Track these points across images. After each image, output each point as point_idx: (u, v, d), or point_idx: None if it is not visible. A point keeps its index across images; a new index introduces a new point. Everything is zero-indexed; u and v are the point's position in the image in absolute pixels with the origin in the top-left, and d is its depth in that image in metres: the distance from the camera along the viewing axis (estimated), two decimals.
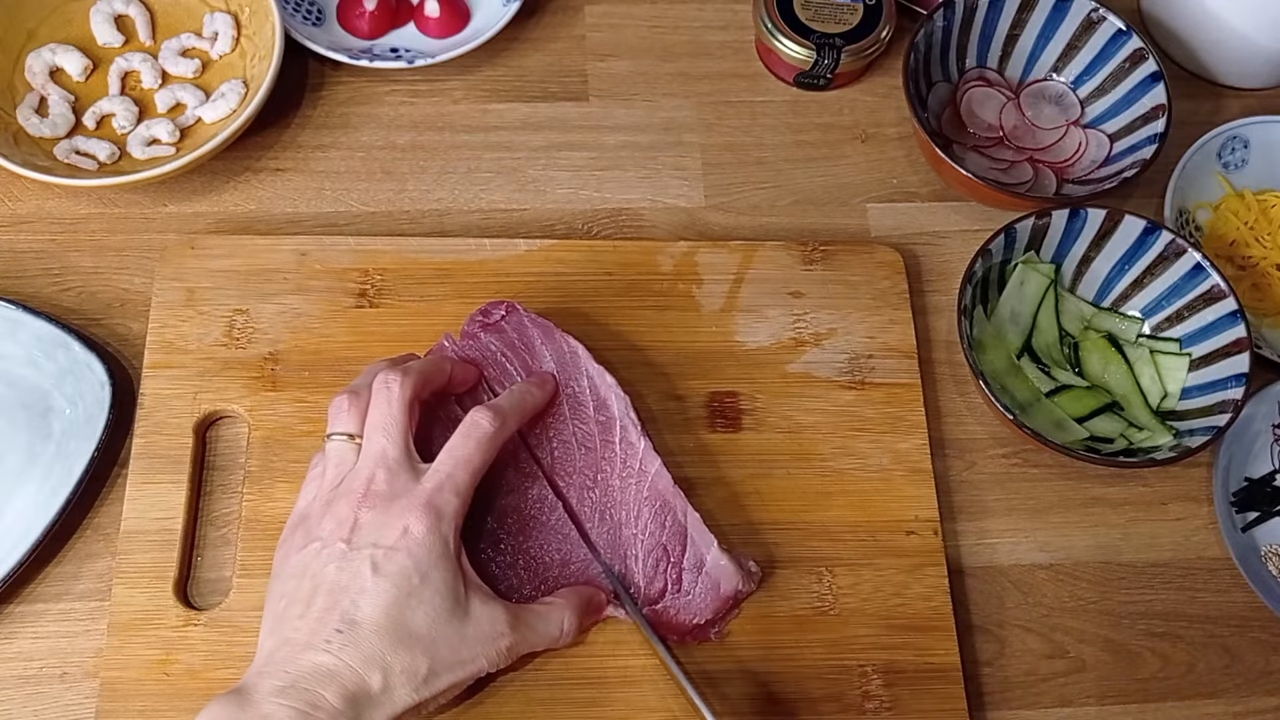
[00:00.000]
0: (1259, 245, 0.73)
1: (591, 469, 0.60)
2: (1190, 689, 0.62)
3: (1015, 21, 0.76)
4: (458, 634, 0.50)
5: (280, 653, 0.47)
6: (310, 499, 0.53)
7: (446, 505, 0.51)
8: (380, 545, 0.49)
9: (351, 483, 0.51)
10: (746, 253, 0.69)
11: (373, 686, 0.47)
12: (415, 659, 0.48)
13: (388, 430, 0.52)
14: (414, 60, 0.73)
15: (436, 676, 0.48)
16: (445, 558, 0.50)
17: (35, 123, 0.68)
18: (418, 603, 0.49)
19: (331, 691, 0.46)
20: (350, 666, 0.47)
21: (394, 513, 0.50)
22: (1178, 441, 0.64)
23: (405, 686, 0.47)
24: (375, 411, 0.53)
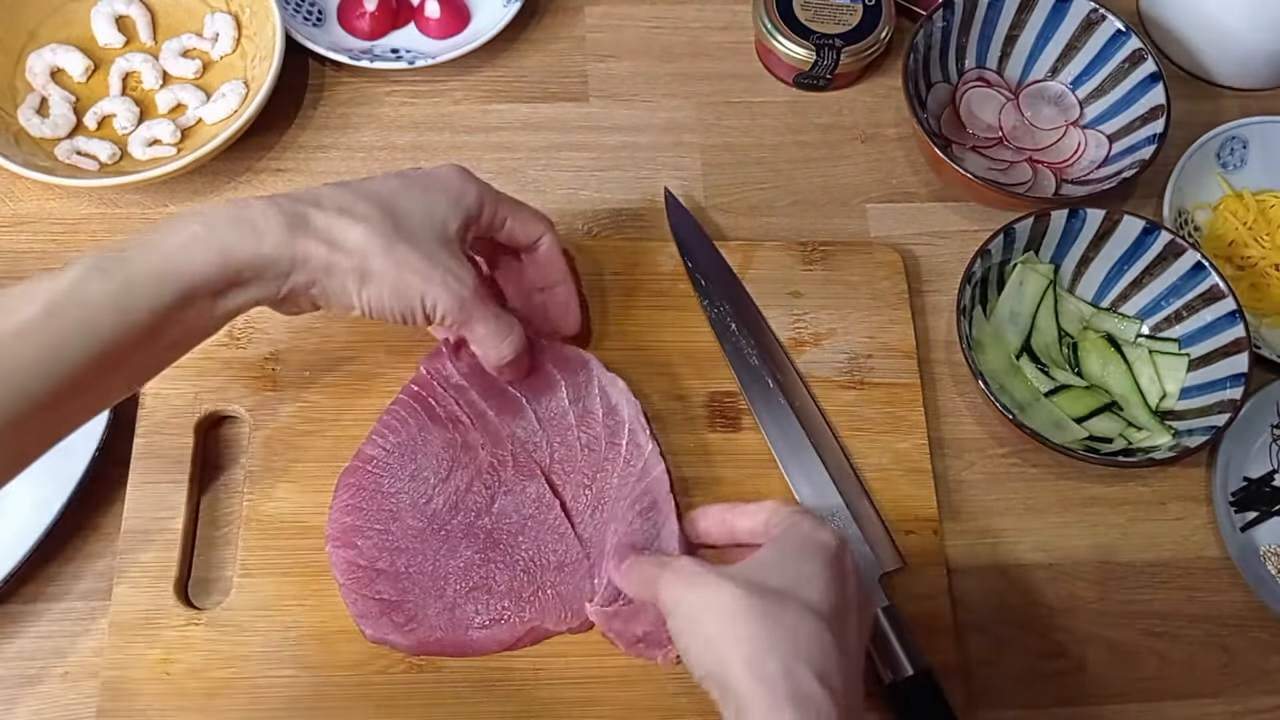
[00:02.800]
0: (1257, 245, 0.73)
1: (592, 468, 0.60)
2: (1189, 688, 0.62)
3: (1014, 22, 0.76)
4: (427, 242, 0.52)
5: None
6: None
7: (479, 184, 0.55)
8: (409, 173, 0.55)
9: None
10: (746, 253, 0.69)
11: (324, 207, 0.50)
12: (375, 216, 0.51)
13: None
14: (414, 61, 0.73)
15: (387, 246, 0.50)
16: (459, 197, 0.54)
17: (36, 123, 0.69)
18: (414, 199, 0.52)
19: (278, 198, 0.50)
20: (311, 193, 0.51)
21: (438, 166, 0.56)
22: (1177, 441, 0.64)
23: (353, 228, 0.50)
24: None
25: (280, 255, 0.48)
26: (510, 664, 0.57)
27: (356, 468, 0.60)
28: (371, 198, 0.51)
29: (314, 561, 0.58)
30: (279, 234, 0.48)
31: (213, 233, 0.47)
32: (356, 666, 0.56)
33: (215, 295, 0.48)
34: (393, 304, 0.51)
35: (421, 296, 0.52)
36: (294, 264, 0.49)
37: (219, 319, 0.49)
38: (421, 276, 0.51)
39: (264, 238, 0.48)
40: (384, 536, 0.58)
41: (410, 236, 0.51)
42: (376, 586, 0.57)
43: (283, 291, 0.50)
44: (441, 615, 0.56)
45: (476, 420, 0.61)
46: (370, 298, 0.51)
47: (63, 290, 0.44)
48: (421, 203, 0.53)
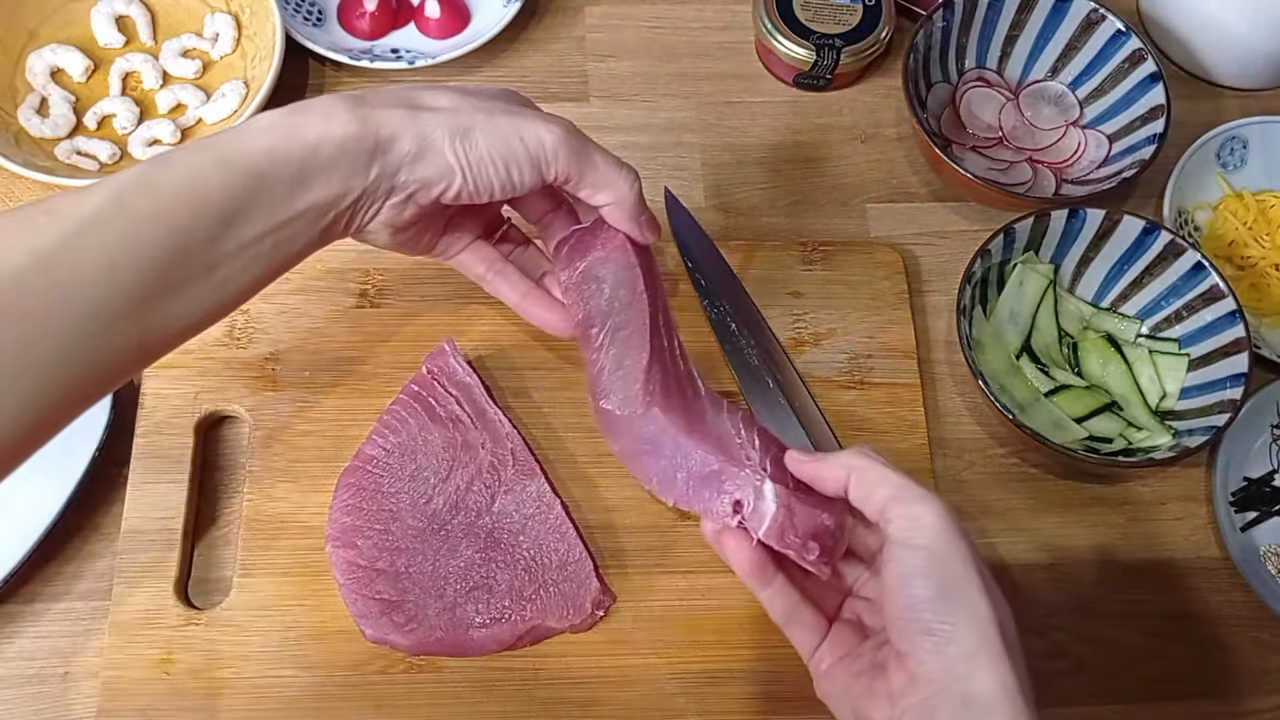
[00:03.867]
0: (1258, 245, 0.73)
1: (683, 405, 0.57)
2: (1189, 688, 0.62)
3: (1014, 22, 0.76)
4: (504, 109, 0.49)
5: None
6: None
7: (565, 120, 0.51)
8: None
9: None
10: (746, 253, 0.69)
11: (400, 92, 0.48)
12: (453, 91, 0.49)
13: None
14: (414, 61, 0.73)
15: (473, 104, 0.48)
16: (522, 103, 0.51)
17: (36, 123, 0.69)
18: (494, 98, 0.50)
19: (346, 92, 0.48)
20: (376, 90, 0.48)
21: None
22: (1177, 441, 0.64)
23: (438, 99, 0.48)
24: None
25: (358, 131, 0.45)
26: (510, 664, 0.57)
27: (356, 468, 0.60)
28: (451, 89, 0.49)
29: (314, 561, 0.58)
30: (350, 113, 0.46)
31: (281, 118, 0.45)
32: (356, 666, 0.56)
33: (293, 182, 0.44)
34: (498, 153, 0.48)
35: (523, 137, 0.48)
36: (376, 140, 0.46)
37: (308, 216, 0.46)
38: (520, 118, 0.48)
39: (330, 117, 0.45)
40: (384, 536, 0.58)
41: (493, 100, 0.49)
42: (376, 586, 0.57)
43: (371, 175, 0.46)
44: (442, 615, 0.56)
45: (477, 419, 0.61)
46: (471, 152, 0.47)
47: (129, 180, 0.41)
48: (490, 93, 0.51)
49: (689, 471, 0.50)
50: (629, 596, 0.59)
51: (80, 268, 0.40)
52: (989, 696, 0.41)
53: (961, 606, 0.43)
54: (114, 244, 0.40)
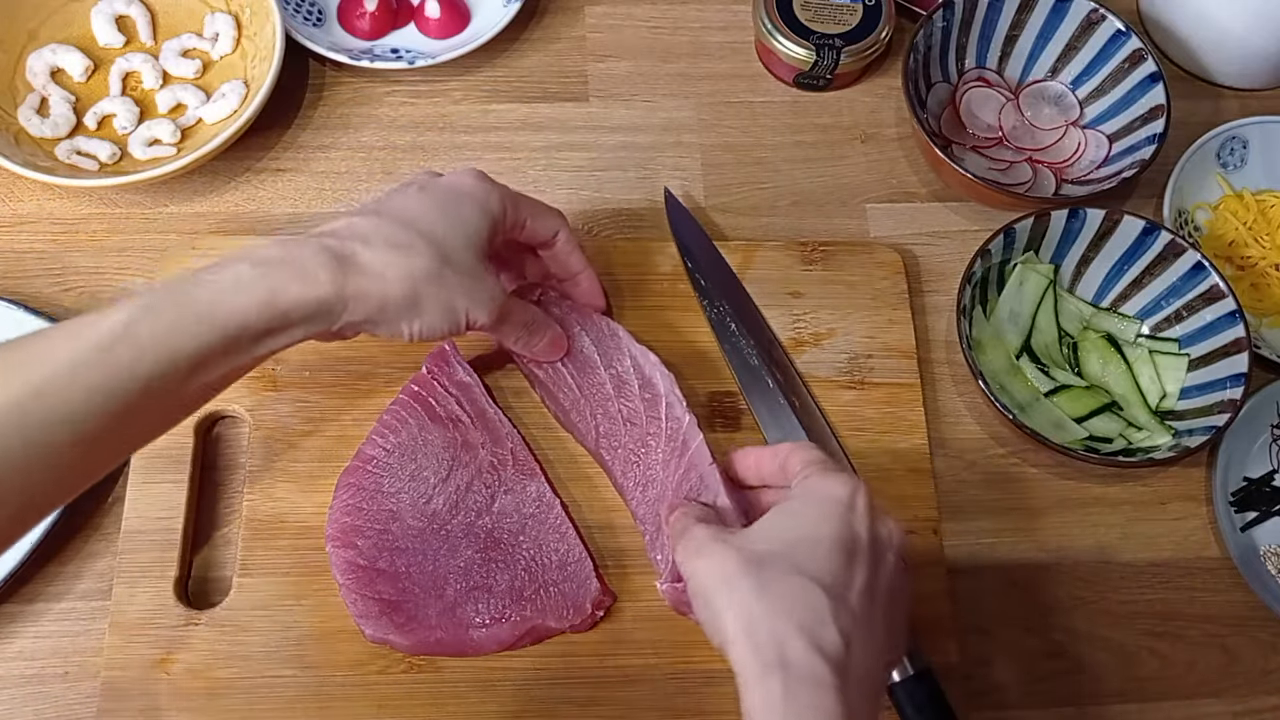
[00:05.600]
0: (1258, 245, 0.73)
1: (637, 443, 0.60)
2: (1189, 688, 0.62)
3: (1014, 22, 0.76)
4: (465, 263, 0.53)
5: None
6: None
7: (502, 186, 0.56)
8: (432, 182, 0.55)
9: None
10: (746, 253, 0.69)
11: (372, 246, 0.50)
12: (421, 251, 0.51)
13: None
14: (414, 61, 0.73)
15: (431, 281, 0.51)
16: (484, 207, 0.54)
17: (36, 123, 0.69)
18: (445, 218, 0.53)
19: (324, 236, 0.50)
20: (353, 226, 0.51)
21: (457, 176, 0.56)
22: (1177, 441, 0.64)
23: (401, 266, 0.50)
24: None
25: (331, 297, 0.48)
26: (510, 664, 0.57)
27: (356, 468, 0.60)
28: (412, 224, 0.52)
29: (314, 561, 0.58)
30: (329, 275, 0.48)
31: (261, 274, 0.47)
32: (356, 666, 0.56)
33: (261, 336, 0.48)
34: (441, 325, 0.52)
35: (466, 311, 0.53)
36: (346, 305, 0.49)
37: (263, 357, 0.49)
38: (465, 294, 0.53)
39: (314, 280, 0.48)
40: (384, 536, 0.58)
41: (453, 257, 0.52)
42: (377, 586, 0.57)
43: (334, 329, 0.50)
44: (442, 615, 0.56)
45: (477, 419, 0.61)
46: (422, 326, 0.52)
47: (117, 327, 0.44)
48: (455, 218, 0.53)
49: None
50: (629, 596, 0.59)
51: (62, 406, 0.43)
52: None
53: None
54: (94, 388, 0.43)
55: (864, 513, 0.48)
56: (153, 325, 0.45)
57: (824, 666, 0.43)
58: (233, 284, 0.47)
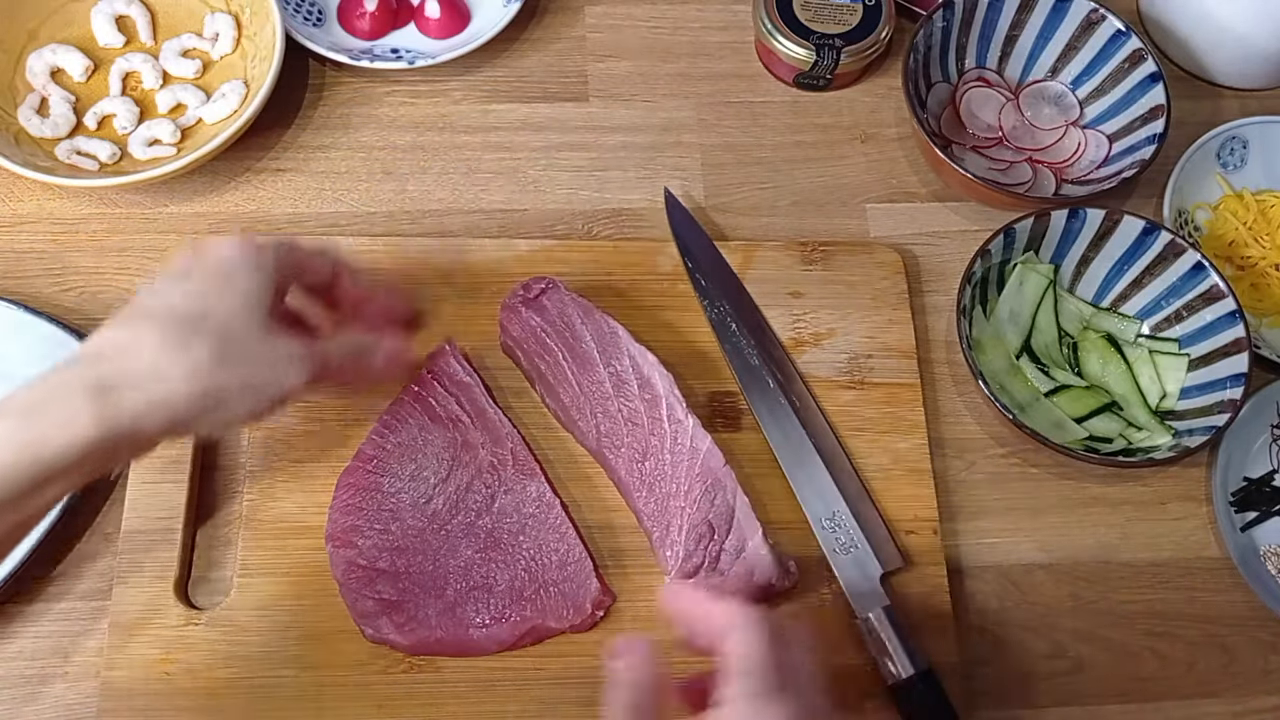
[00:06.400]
0: (1258, 245, 0.73)
1: (640, 444, 0.60)
2: (1189, 688, 0.62)
3: (1015, 22, 0.76)
4: (254, 337, 0.48)
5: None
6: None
7: (265, 243, 0.51)
8: (193, 263, 0.49)
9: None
10: (746, 253, 0.69)
11: (142, 354, 0.45)
12: (200, 340, 0.46)
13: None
14: (414, 61, 0.73)
15: (223, 366, 0.46)
16: (255, 270, 0.49)
17: (36, 123, 0.69)
18: (216, 297, 0.48)
19: (84, 361, 0.45)
20: (114, 340, 0.46)
21: (218, 250, 0.50)
22: (1177, 441, 0.64)
23: (181, 363, 0.45)
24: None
25: (101, 434, 0.43)
26: (510, 664, 0.57)
27: (356, 468, 0.60)
28: (182, 318, 0.47)
29: (314, 561, 0.58)
30: (92, 412, 0.43)
31: (16, 427, 0.43)
32: (356, 666, 0.56)
33: (30, 492, 0.43)
34: (250, 410, 0.48)
35: (274, 386, 0.48)
36: (118, 438, 0.44)
37: (47, 505, 0.45)
38: (266, 365, 0.48)
39: (76, 423, 0.43)
40: (384, 536, 0.58)
41: (235, 334, 0.47)
42: (376, 586, 0.57)
43: (121, 460, 0.46)
44: (442, 615, 0.56)
45: (477, 419, 0.61)
46: (230, 416, 0.47)
47: None
48: (227, 292, 0.48)
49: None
50: (629, 596, 0.59)
51: None
52: None
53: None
54: None
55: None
56: None
57: None
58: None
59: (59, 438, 0.43)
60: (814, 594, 0.60)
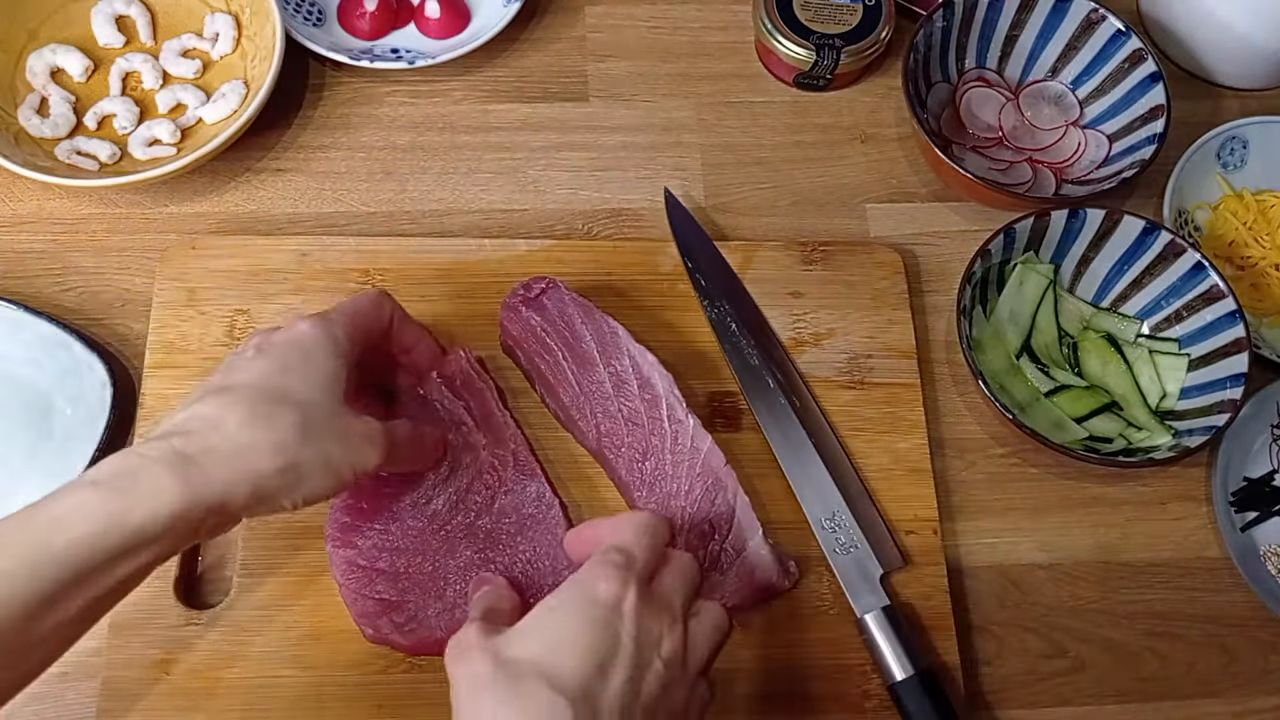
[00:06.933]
0: (1258, 245, 0.73)
1: (641, 444, 0.60)
2: (1189, 688, 0.62)
3: (1015, 22, 0.76)
4: (333, 414, 0.49)
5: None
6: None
7: (336, 318, 0.52)
8: (270, 340, 0.51)
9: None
10: (746, 253, 0.69)
11: (228, 429, 0.46)
12: (284, 415, 0.47)
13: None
14: (414, 61, 0.73)
15: (305, 442, 0.47)
16: (333, 350, 0.51)
17: (36, 123, 0.69)
18: (297, 375, 0.49)
19: (169, 436, 0.46)
20: (200, 415, 0.47)
21: (293, 328, 0.51)
22: (1177, 441, 0.64)
23: (267, 438, 0.46)
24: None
25: (184, 505, 0.44)
26: None
27: None
28: (265, 392, 0.48)
29: (314, 561, 0.58)
30: (175, 483, 0.44)
31: (105, 496, 0.43)
32: (356, 666, 0.56)
33: (114, 561, 0.43)
34: (326, 486, 0.49)
35: (351, 464, 0.50)
36: (207, 508, 0.45)
37: (132, 580, 0.45)
38: (341, 444, 0.49)
39: (160, 491, 0.44)
40: (383, 536, 0.58)
41: (316, 411, 0.49)
42: (376, 586, 0.57)
43: (205, 532, 0.46)
44: (442, 615, 0.56)
45: (482, 422, 0.61)
46: (306, 493, 0.48)
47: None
48: (306, 370, 0.50)
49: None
50: None
51: None
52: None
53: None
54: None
55: (631, 616, 0.45)
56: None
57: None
58: (70, 513, 0.43)
59: (144, 508, 0.43)
60: (814, 594, 0.60)
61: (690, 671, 0.47)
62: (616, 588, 0.45)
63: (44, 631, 0.43)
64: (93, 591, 0.44)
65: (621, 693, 0.43)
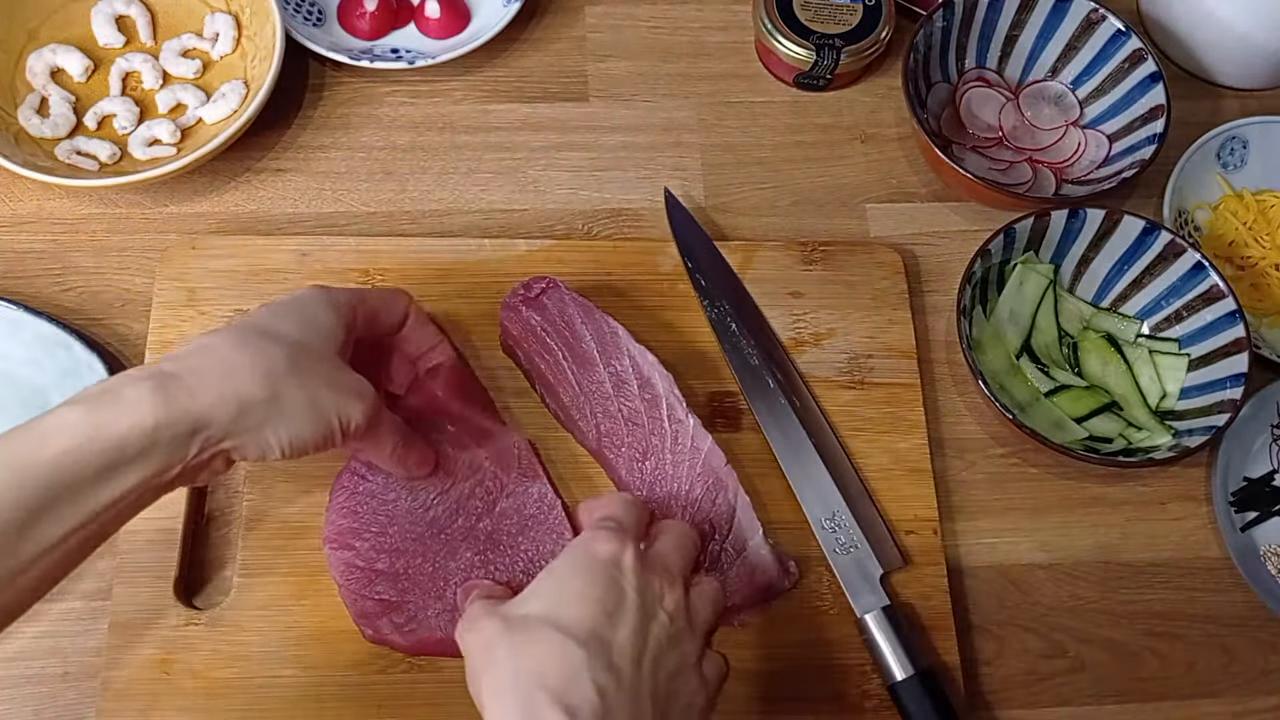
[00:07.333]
0: (1258, 245, 0.73)
1: (641, 444, 0.60)
2: (1189, 688, 0.62)
3: (1015, 22, 0.76)
4: (323, 359, 0.49)
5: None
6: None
7: (341, 290, 0.53)
8: (272, 303, 0.52)
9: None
10: (746, 253, 0.69)
11: (216, 353, 0.47)
12: (274, 347, 0.48)
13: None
14: (414, 61, 0.73)
15: (293, 374, 0.47)
16: (330, 308, 0.51)
17: (36, 123, 0.69)
18: (290, 321, 0.50)
19: (160, 362, 0.46)
20: (191, 344, 0.48)
21: (297, 291, 0.53)
22: (1177, 441, 0.64)
23: (253, 363, 0.47)
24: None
25: (164, 418, 0.44)
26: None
27: (352, 470, 0.59)
28: (259, 329, 0.49)
29: (314, 561, 0.58)
30: (152, 394, 0.44)
31: (86, 410, 0.43)
32: (356, 666, 0.56)
33: (98, 477, 0.43)
34: (312, 430, 0.48)
35: (337, 413, 0.49)
36: (191, 421, 0.45)
37: (122, 502, 0.45)
38: (331, 389, 0.49)
39: (138, 404, 0.44)
40: (381, 538, 0.57)
41: (309, 351, 0.49)
42: (376, 587, 0.57)
43: (191, 456, 0.46)
44: (441, 616, 0.56)
45: (484, 441, 0.60)
46: (290, 432, 0.48)
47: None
48: (305, 316, 0.51)
49: None
50: None
51: None
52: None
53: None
54: None
55: (631, 570, 0.46)
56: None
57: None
58: (54, 427, 0.43)
59: (126, 420, 0.44)
60: (814, 594, 0.60)
61: (696, 631, 0.48)
62: (614, 546, 0.47)
63: (32, 551, 0.43)
64: (80, 511, 0.43)
65: (631, 640, 0.45)
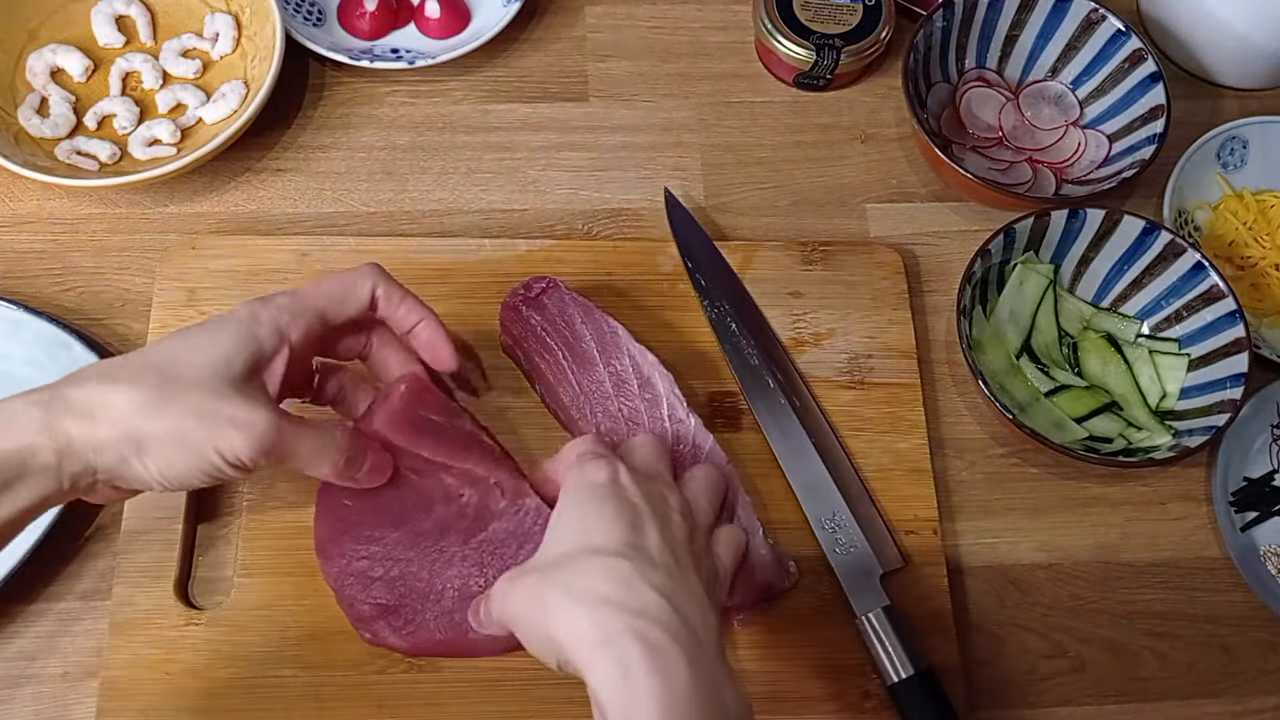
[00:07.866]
0: (1258, 245, 0.73)
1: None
2: (1189, 688, 0.62)
3: (1015, 22, 0.76)
4: (205, 391, 0.46)
5: None
6: None
7: (284, 301, 0.51)
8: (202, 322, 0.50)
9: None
10: (746, 253, 0.69)
11: (88, 384, 0.46)
12: (142, 382, 0.46)
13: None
14: (414, 61, 0.73)
15: (153, 412, 0.45)
16: (243, 333, 0.49)
17: (36, 123, 0.69)
18: (187, 346, 0.48)
19: (50, 388, 0.46)
20: (83, 369, 0.47)
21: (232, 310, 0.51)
22: (1177, 441, 0.64)
23: (115, 401, 0.45)
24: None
25: (35, 443, 0.44)
26: (510, 664, 0.57)
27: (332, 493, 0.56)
28: (142, 356, 0.47)
29: (314, 561, 0.57)
30: (29, 420, 0.44)
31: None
32: (356, 666, 0.56)
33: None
34: (186, 466, 0.46)
35: (215, 447, 0.46)
36: (58, 451, 0.44)
37: (13, 522, 0.44)
38: (205, 423, 0.46)
39: (18, 426, 0.44)
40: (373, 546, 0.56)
41: (185, 383, 0.46)
42: (372, 592, 0.56)
43: (65, 485, 0.45)
44: (440, 619, 0.56)
45: (459, 474, 0.57)
46: (157, 467, 0.46)
47: None
48: (199, 345, 0.48)
49: None
50: None
51: None
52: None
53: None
54: None
55: (630, 483, 0.50)
56: None
57: (649, 627, 0.43)
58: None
59: (10, 438, 0.44)
60: (814, 594, 0.60)
61: (701, 525, 0.52)
62: (607, 469, 0.50)
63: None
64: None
65: (661, 539, 0.48)
